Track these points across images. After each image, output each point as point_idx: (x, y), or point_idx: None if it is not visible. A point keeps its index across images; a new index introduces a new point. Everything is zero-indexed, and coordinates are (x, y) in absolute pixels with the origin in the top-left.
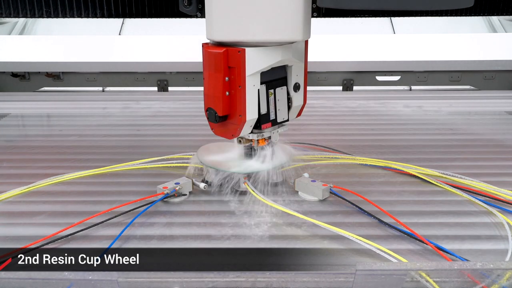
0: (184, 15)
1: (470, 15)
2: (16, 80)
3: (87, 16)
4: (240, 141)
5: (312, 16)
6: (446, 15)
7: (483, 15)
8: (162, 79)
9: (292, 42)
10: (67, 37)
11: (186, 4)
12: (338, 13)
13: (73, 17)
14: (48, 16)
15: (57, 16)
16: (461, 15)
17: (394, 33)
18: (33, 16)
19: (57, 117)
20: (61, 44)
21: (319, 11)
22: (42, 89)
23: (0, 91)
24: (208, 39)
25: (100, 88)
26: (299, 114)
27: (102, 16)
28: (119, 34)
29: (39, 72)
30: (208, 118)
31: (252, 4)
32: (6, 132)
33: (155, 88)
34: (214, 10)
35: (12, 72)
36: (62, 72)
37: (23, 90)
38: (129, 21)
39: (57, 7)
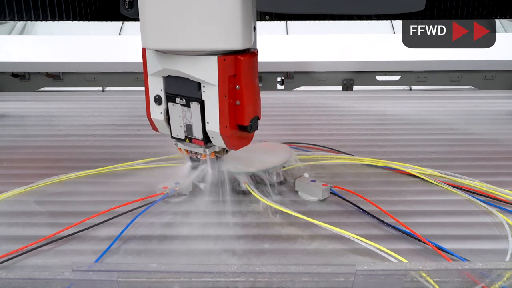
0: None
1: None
2: (16, 80)
3: (75, 19)
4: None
5: (264, 19)
6: (420, 18)
7: (481, 18)
8: None
9: None
10: (67, 37)
11: (127, 6)
12: (288, 17)
13: (62, 20)
14: (37, 19)
15: (45, 19)
16: (455, 18)
17: (394, 33)
18: (21, 19)
19: (57, 117)
20: (61, 44)
21: (271, 14)
22: (42, 89)
23: (0, 91)
24: (231, 48)
25: (100, 88)
26: None
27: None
28: (119, 34)
29: (39, 72)
30: (251, 129)
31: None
32: (6, 132)
33: None
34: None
35: (12, 72)
36: (62, 72)
37: (23, 90)
38: (129, 21)
39: (46, 10)
